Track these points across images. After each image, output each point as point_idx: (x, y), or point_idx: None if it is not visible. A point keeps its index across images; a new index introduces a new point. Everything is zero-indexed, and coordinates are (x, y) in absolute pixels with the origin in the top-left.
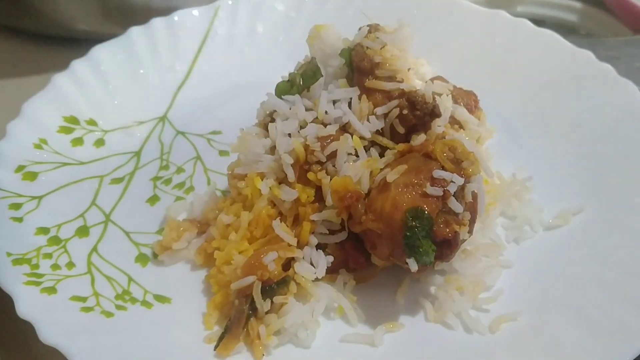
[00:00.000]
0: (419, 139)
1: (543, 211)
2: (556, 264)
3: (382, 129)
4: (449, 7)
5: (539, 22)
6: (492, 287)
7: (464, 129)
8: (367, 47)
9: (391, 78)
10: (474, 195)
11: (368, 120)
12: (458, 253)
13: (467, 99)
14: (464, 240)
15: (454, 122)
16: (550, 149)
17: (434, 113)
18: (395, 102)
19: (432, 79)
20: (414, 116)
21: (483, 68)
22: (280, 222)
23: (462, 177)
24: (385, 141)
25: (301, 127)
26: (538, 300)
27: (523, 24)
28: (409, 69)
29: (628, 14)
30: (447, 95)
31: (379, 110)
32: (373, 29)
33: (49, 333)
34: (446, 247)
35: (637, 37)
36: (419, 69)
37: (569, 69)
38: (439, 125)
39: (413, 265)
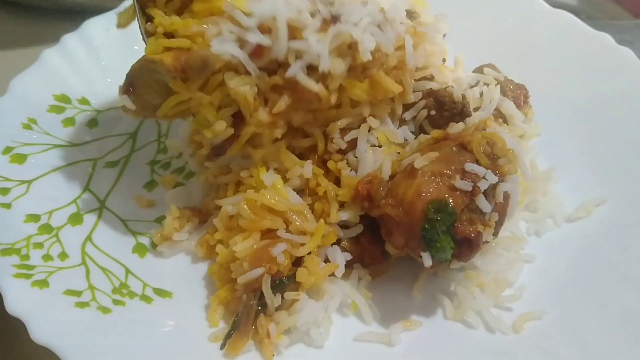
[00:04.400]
0: (456, 127)
1: (565, 203)
2: (579, 258)
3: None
4: None
5: None
6: (514, 284)
7: (507, 124)
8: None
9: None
10: (506, 196)
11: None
12: None
13: (517, 93)
14: (486, 242)
15: (499, 115)
16: (570, 137)
17: (464, 113)
18: (422, 103)
19: (482, 67)
20: (442, 117)
21: (496, 50)
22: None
23: (496, 175)
24: None
25: None
26: (562, 297)
27: (538, 5)
28: (443, 60)
29: None
30: (496, 86)
31: (407, 115)
32: (409, 16)
33: (41, 332)
34: (466, 246)
35: None
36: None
37: (586, 52)
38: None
39: (427, 260)
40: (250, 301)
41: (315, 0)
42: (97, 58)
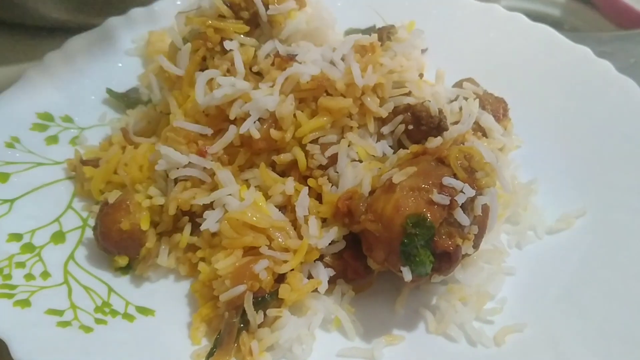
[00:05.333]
0: (434, 142)
1: (545, 215)
2: (560, 270)
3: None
4: (443, 1)
5: None
6: (495, 296)
7: (487, 137)
8: None
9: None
10: (485, 209)
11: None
12: None
13: (496, 106)
14: (467, 255)
15: (478, 128)
16: (550, 149)
17: (441, 127)
18: (400, 118)
19: (462, 81)
20: (419, 131)
21: (476, 63)
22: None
23: (473, 188)
24: None
25: None
26: (543, 309)
27: (518, 19)
28: (420, 75)
29: (612, 9)
30: (475, 100)
31: (385, 130)
32: (386, 32)
33: (23, 352)
34: (445, 260)
35: (629, 32)
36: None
37: (566, 65)
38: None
39: (407, 275)
40: (233, 318)
41: (275, 43)
42: (81, 76)
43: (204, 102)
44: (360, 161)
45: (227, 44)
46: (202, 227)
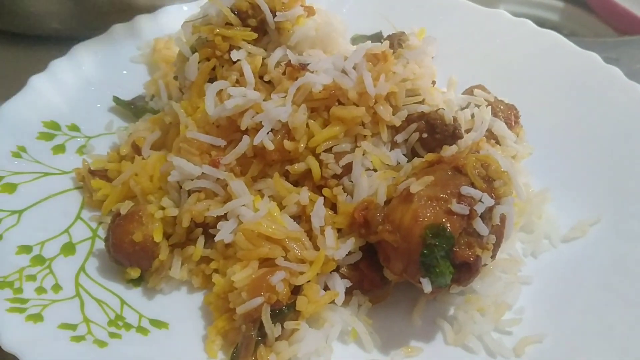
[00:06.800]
0: (450, 150)
1: (559, 223)
2: (577, 278)
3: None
4: (448, 6)
5: None
6: (513, 306)
7: (500, 145)
8: None
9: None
10: (502, 218)
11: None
12: None
13: (508, 113)
14: (485, 265)
15: (491, 136)
16: (561, 156)
17: (456, 135)
18: (414, 126)
19: (472, 88)
20: (434, 140)
21: (486, 71)
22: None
23: (492, 197)
24: None
25: None
26: (562, 319)
27: (525, 24)
28: (433, 82)
29: (611, 13)
30: (487, 107)
31: (399, 138)
32: (396, 39)
33: None
34: (465, 270)
35: (634, 37)
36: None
37: (575, 71)
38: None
39: (427, 286)
40: (250, 332)
41: (287, 52)
42: (87, 83)
43: (214, 113)
44: (375, 170)
45: (234, 54)
46: (217, 238)
